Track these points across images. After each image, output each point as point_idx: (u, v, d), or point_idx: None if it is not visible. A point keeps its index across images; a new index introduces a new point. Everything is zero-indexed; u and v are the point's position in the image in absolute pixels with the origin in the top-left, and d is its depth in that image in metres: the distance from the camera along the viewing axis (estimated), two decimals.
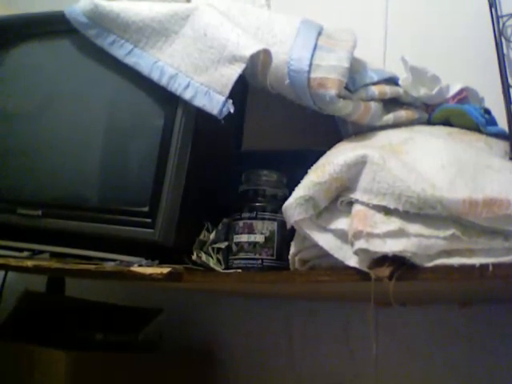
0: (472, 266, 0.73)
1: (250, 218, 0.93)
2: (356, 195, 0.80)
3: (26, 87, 1.09)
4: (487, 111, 0.98)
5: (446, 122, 0.99)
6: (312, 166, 0.86)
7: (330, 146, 0.92)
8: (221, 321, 1.33)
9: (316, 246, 0.83)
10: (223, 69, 0.88)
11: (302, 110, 0.97)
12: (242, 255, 0.93)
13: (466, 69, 1.11)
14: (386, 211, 0.78)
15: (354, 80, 0.95)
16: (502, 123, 0.95)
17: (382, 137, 0.93)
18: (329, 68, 0.90)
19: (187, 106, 0.91)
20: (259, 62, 0.93)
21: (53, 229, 1.01)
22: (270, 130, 1.17)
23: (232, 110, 0.87)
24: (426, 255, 0.75)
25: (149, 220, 0.92)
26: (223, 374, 1.28)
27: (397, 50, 1.12)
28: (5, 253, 1.03)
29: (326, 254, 0.82)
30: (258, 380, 1.26)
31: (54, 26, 1.06)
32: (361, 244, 0.77)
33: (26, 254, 1.02)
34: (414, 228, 0.76)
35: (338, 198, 0.83)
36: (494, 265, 0.72)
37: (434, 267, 0.75)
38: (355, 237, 0.77)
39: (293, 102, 0.96)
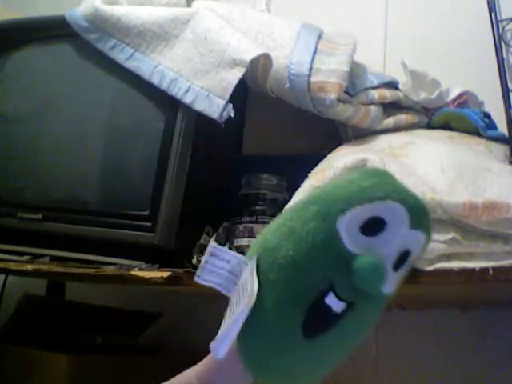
0: (472, 270, 0.73)
1: (250, 222, 0.93)
2: None
3: (26, 91, 1.10)
4: (487, 115, 0.98)
5: (446, 126, 0.99)
6: (312, 169, 0.86)
7: (330, 149, 0.92)
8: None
9: None
10: (223, 73, 0.88)
11: (301, 114, 0.97)
12: None
13: (466, 73, 1.11)
14: None
15: (354, 84, 0.95)
16: (502, 127, 0.95)
17: (382, 140, 0.93)
18: (329, 72, 0.90)
19: (187, 109, 0.91)
20: (259, 66, 0.93)
21: (53, 232, 1.01)
22: (270, 134, 1.17)
23: (232, 114, 0.87)
24: (426, 259, 0.75)
25: (149, 224, 0.92)
26: None
27: (397, 54, 1.12)
28: (5, 256, 1.03)
29: None
30: None
31: (55, 29, 1.07)
32: None
33: (26, 257, 1.02)
34: None
35: None
36: (494, 268, 0.72)
37: (434, 271, 0.75)
38: None
39: (293, 105, 0.97)
